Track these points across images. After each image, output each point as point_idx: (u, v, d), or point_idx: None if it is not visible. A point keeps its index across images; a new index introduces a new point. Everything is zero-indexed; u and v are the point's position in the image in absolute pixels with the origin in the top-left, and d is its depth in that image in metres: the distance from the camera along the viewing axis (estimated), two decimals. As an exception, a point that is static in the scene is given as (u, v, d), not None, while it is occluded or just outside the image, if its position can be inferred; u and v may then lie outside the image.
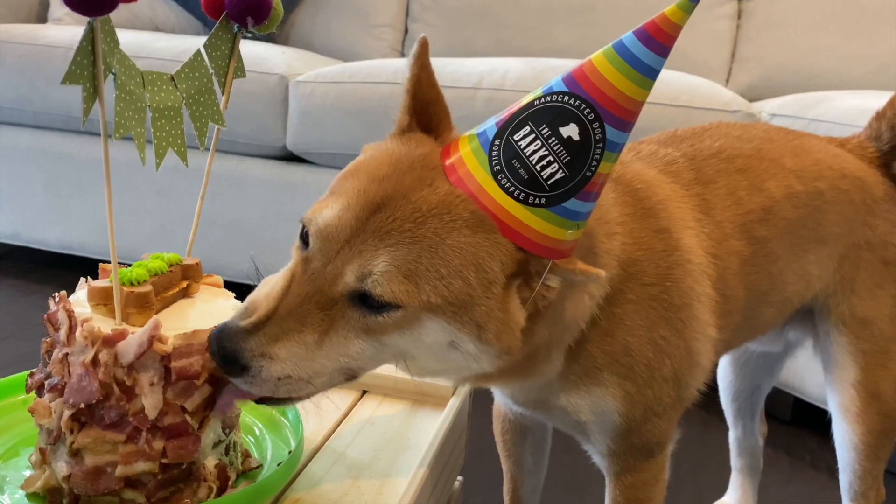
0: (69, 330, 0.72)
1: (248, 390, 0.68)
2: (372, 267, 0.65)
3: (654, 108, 1.76)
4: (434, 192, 0.68)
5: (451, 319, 0.67)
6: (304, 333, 0.67)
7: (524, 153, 0.67)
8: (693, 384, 0.88)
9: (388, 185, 0.68)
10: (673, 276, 0.83)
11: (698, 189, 0.91)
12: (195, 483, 0.74)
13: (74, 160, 2.29)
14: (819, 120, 1.63)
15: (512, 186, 0.67)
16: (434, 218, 0.67)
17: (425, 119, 0.76)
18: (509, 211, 0.67)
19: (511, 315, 0.69)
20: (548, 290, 0.70)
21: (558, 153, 0.66)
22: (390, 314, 0.67)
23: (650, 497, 0.91)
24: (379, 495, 0.81)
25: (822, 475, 1.61)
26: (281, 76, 2.07)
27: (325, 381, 0.70)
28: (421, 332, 0.68)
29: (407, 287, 0.65)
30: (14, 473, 0.77)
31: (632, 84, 0.65)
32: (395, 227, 0.66)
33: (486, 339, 0.69)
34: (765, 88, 2.31)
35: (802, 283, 1.00)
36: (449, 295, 0.66)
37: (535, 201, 0.67)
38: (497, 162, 0.67)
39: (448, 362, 0.72)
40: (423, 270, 0.66)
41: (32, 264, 2.52)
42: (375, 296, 0.66)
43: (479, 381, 0.82)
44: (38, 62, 2.22)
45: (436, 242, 0.66)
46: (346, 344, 0.68)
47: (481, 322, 0.68)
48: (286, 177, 2.11)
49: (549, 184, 0.66)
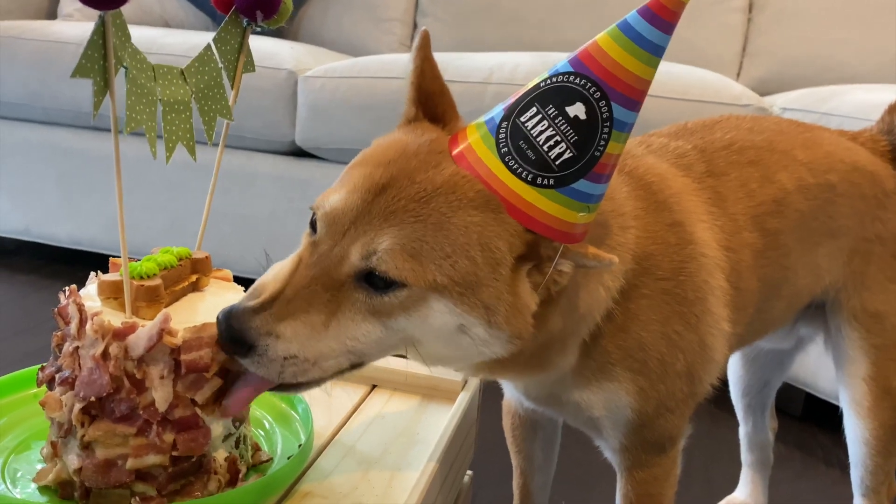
0: (80, 323, 0.72)
1: (255, 371, 0.68)
2: (376, 245, 0.66)
3: (663, 102, 1.75)
4: (439, 172, 0.68)
5: (458, 301, 0.67)
6: (311, 314, 0.67)
7: (531, 134, 0.66)
8: (706, 379, 0.87)
9: (394, 168, 0.69)
10: (687, 269, 0.82)
11: (710, 182, 0.90)
12: (205, 476, 0.74)
13: (85, 156, 2.29)
14: (831, 114, 1.62)
15: (520, 168, 0.67)
16: (439, 197, 0.67)
17: (431, 109, 0.76)
18: (518, 193, 0.67)
19: (521, 298, 0.69)
20: (560, 276, 0.69)
21: (566, 133, 0.66)
22: (396, 294, 0.67)
23: (661, 492, 0.91)
24: (389, 489, 0.81)
25: (833, 471, 1.60)
26: (290, 71, 2.07)
27: (331, 365, 0.69)
28: (428, 315, 0.68)
29: (412, 265, 0.65)
30: (26, 466, 0.78)
31: (638, 62, 0.64)
32: (400, 206, 0.67)
33: (495, 323, 0.68)
34: (776, 82, 2.29)
35: (813, 276, 1.00)
36: (455, 274, 0.66)
37: (543, 182, 0.66)
38: (504, 144, 0.67)
39: (458, 348, 0.71)
40: (428, 249, 0.66)
41: (43, 260, 2.54)
42: (380, 273, 0.66)
43: (493, 371, 0.81)
44: (49, 58, 2.23)
45: (441, 221, 0.66)
46: (353, 326, 0.68)
47: (490, 304, 0.68)
48: (295, 172, 2.11)
49: (558, 164, 0.66)
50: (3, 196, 2.41)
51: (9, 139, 2.37)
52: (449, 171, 0.69)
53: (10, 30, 2.31)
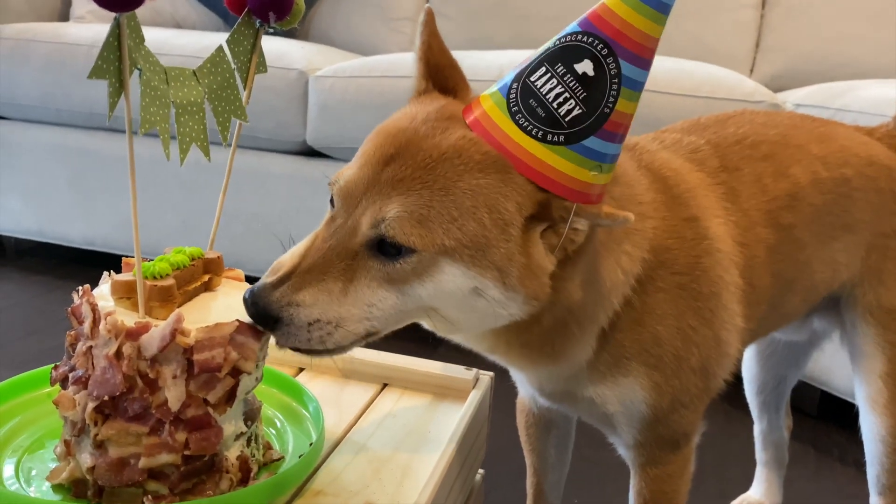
0: (93, 323, 0.72)
1: (285, 343, 0.71)
2: (385, 213, 0.67)
3: (675, 98, 1.74)
4: (446, 137, 0.70)
5: (469, 264, 0.68)
6: (327, 282, 0.69)
7: (540, 92, 0.67)
8: (720, 374, 0.87)
9: (403, 137, 0.71)
10: (702, 265, 0.82)
11: (724, 177, 0.90)
12: (217, 475, 0.74)
13: (97, 157, 2.31)
14: (845, 110, 1.60)
15: (530, 125, 0.67)
16: (445, 162, 0.68)
17: (441, 82, 0.78)
18: (528, 150, 0.68)
19: (533, 259, 0.69)
20: (576, 234, 0.70)
21: (574, 90, 0.66)
22: (407, 260, 0.68)
23: (676, 489, 0.91)
24: (400, 488, 0.81)
25: (849, 469, 1.59)
26: (300, 71, 2.07)
27: (351, 330, 0.70)
28: (441, 280, 0.69)
29: (420, 231, 0.67)
30: (40, 465, 0.78)
31: (645, 20, 0.65)
32: (407, 174, 0.68)
33: (510, 285, 0.69)
34: (789, 78, 2.27)
35: (829, 270, 0.99)
36: (463, 237, 0.67)
37: (553, 139, 0.67)
38: (515, 104, 0.68)
39: (475, 312, 0.71)
40: (435, 214, 0.67)
41: (56, 260, 2.55)
42: (389, 240, 0.68)
43: (510, 353, 0.81)
44: (62, 60, 2.24)
45: (446, 186, 0.67)
46: (370, 293, 0.69)
47: (501, 266, 0.68)
48: (306, 172, 2.11)
49: (567, 121, 0.67)
50: (17, 197, 2.43)
51: (22, 140, 2.39)
52: (456, 135, 0.70)
53: (23, 32, 2.32)
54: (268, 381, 0.93)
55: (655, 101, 1.74)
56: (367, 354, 1.06)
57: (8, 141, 2.40)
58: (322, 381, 1.04)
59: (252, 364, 0.73)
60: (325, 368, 1.07)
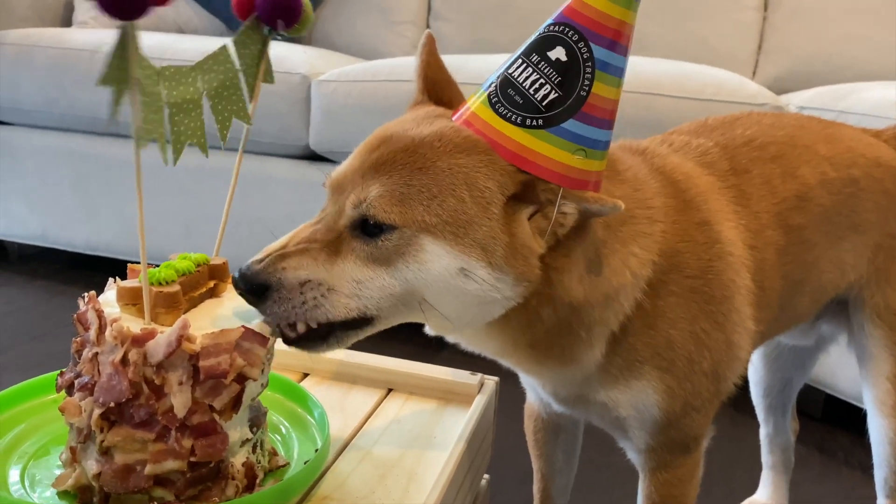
0: (99, 329, 0.72)
1: (279, 311, 0.70)
2: (367, 194, 0.70)
3: (677, 101, 1.74)
4: (430, 126, 0.73)
5: (452, 242, 0.69)
6: (312, 252, 0.71)
7: (518, 81, 0.70)
8: (731, 377, 0.87)
9: (390, 132, 0.74)
10: (714, 268, 0.82)
11: (734, 180, 0.90)
12: (223, 481, 0.74)
13: (101, 161, 2.31)
14: (848, 112, 1.60)
15: (509, 112, 0.70)
16: (425, 146, 0.71)
17: (437, 96, 0.81)
18: (509, 136, 0.70)
19: (518, 238, 0.70)
20: (564, 218, 0.70)
21: (549, 75, 0.69)
22: (388, 237, 0.69)
23: (684, 493, 0.90)
24: (406, 493, 0.80)
25: (855, 472, 1.59)
26: (303, 76, 2.07)
27: (345, 302, 0.71)
28: (425, 260, 0.69)
29: (400, 209, 0.69)
30: (45, 472, 0.78)
31: (617, 6, 0.68)
32: (389, 158, 0.71)
33: (496, 264, 0.69)
34: (792, 80, 2.27)
35: (837, 271, 0.99)
36: (443, 213, 0.68)
37: (532, 123, 0.69)
38: (494, 95, 0.71)
39: (467, 297, 0.71)
40: (415, 192, 0.69)
41: (60, 265, 2.56)
42: (371, 219, 0.69)
43: (521, 360, 0.81)
44: (65, 65, 2.24)
45: (426, 165, 0.70)
46: (356, 269, 0.71)
47: (485, 244, 0.69)
48: (310, 176, 2.11)
49: (544, 105, 0.69)
50: (21, 201, 2.43)
51: (26, 145, 2.39)
52: (439, 124, 0.73)
53: (26, 38, 2.33)
54: (273, 388, 0.92)
55: (658, 104, 1.74)
56: (371, 360, 1.06)
57: (11, 146, 2.40)
58: (327, 386, 1.04)
59: (258, 370, 0.72)
60: (330, 373, 1.06)
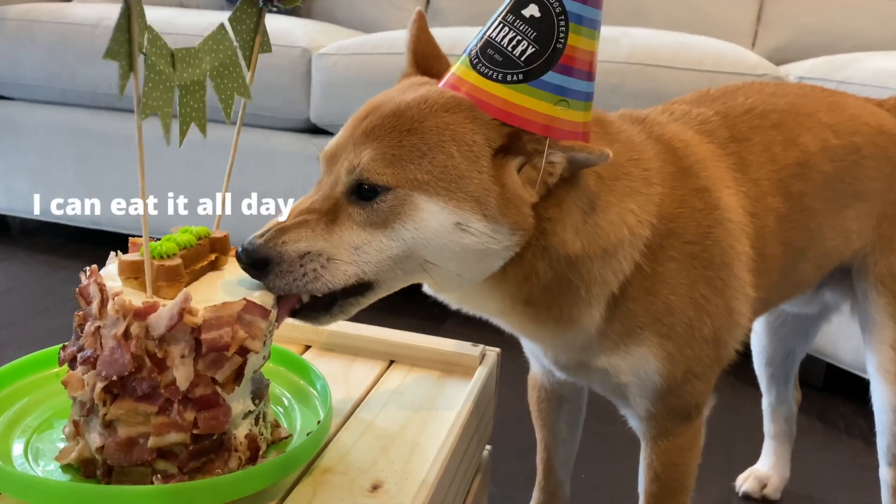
0: (101, 303, 0.72)
1: (280, 284, 0.73)
2: (359, 159, 0.72)
3: (677, 73, 1.72)
4: (415, 92, 0.76)
5: (445, 197, 0.71)
6: (311, 223, 0.74)
7: (496, 41, 0.73)
8: (732, 344, 0.88)
9: (378, 101, 0.77)
10: (713, 234, 0.82)
11: (734, 147, 0.90)
12: (226, 453, 0.74)
13: (103, 136, 2.30)
14: (848, 82, 1.58)
15: (490, 70, 0.73)
16: (412, 108, 0.73)
17: (427, 70, 0.84)
18: (491, 92, 0.73)
19: (509, 189, 0.72)
20: (552, 167, 0.73)
21: (525, 32, 0.72)
22: (383, 199, 0.72)
23: (686, 462, 0.91)
24: (408, 464, 0.81)
25: (856, 441, 1.59)
26: (304, 49, 2.06)
27: (345, 269, 0.73)
28: (421, 218, 0.71)
29: (392, 170, 0.71)
30: (48, 445, 0.78)
31: None
32: (378, 124, 0.73)
33: (490, 216, 0.71)
34: (792, 51, 2.24)
35: (842, 238, 0.99)
36: (434, 170, 0.71)
37: (513, 78, 0.72)
38: (475, 57, 0.74)
39: (465, 251, 0.73)
40: (406, 152, 0.72)
41: (62, 239, 2.56)
42: (364, 182, 0.72)
43: (520, 321, 0.82)
44: (66, 40, 2.23)
45: (414, 127, 0.72)
46: (353, 235, 0.73)
47: (478, 196, 0.71)
48: (311, 150, 2.10)
49: (523, 60, 0.72)
50: (23, 177, 2.43)
51: (28, 120, 2.38)
52: (424, 89, 0.76)
53: (27, 13, 2.31)
54: (275, 360, 0.92)
55: (658, 76, 1.73)
56: (373, 331, 1.06)
57: (13, 121, 2.40)
58: (329, 358, 1.04)
59: (259, 343, 0.72)
60: (332, 345, 1.06)
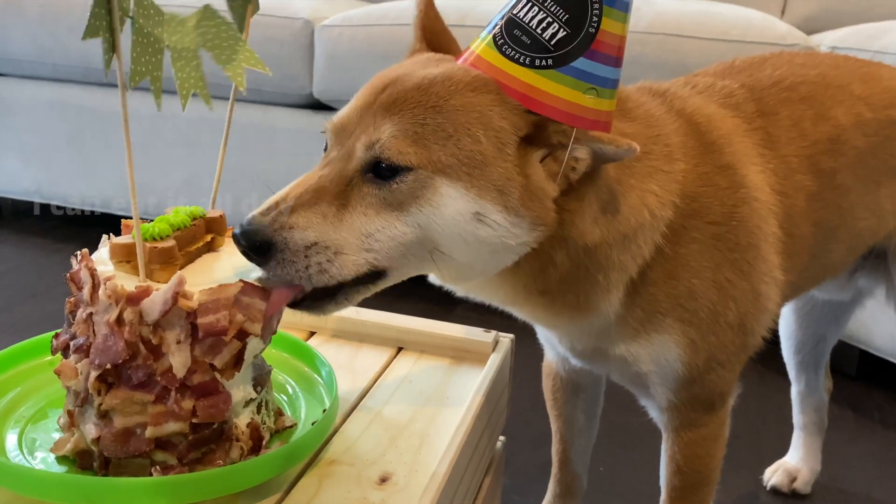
0: (92, 289, 0.70)
1: (283, 273, 0.67)
2: (379, 135, 0.68)
3: (703, 43, 1.68)
4: (437, 67, 0.71)
5: (468, 184, 0.67)
6: (321, 206, 0.68)
7: (524, 21, 0.69)
8: (759, 330, 0.84)
9: (395, 73, 0.72)
10: (738, 214, 0.79)
11: (761, 122, 0.86)
12: (227, 443, 0.72)
13: (96, 113, 2.27)
14: (884, 52, 1.53)
15: (516, 53, 0.68)
16: (436, 84, 0.69)
17: (435, 46, 0.81)
18: (518, 77, 0.68)
19: (533, 181, 0.68)
20: (576, 162, 0.69)
21: (556, 13, 0.67)
22: (403, 179, 0.67)
23: (711, 454, 0.88)
24: (417, 456, 0.78)
25: (891, 433, 1.55)
26: (306, 21, 2.02)
27: (352, 261, 0.68)
28: (440, 203, 0.67)
29: (415, 149, 0.67)
30: (43, 436, 0.76)
31: None
32: (400, 97, 0.69)
33: (512, 207, 0.67)
34: (824, 20, 2.17)
35: (875, 217, 0.95)
36: (459, 153, 0.67)
37: (541, 63, 0.68)
38: (500, 37, 0.70)
39: (480, 245, 0.69)
40: (430, 131, 0.67)
41: (56, 221, 2.53)
42: (384, 161, 0.67)
43: (534, 309, 0.79)
44: (57, 14, 2.20)
45: (439, 104, 0.68)
46: (366, 221, 0.68)
47: (501, 185, 0.67)
48: (314, 126, 2.07)
49: (553, 44, 0.67)
50: (14, 156, 2.40)
51: (19, 97, 2.35)
52: (446, 65, 0.72)
53: (18, -14, 2.27)
54: (278, 346, 0.90)
55: (682, 46, 1.68)
56: (381, 317, 1.03)
57: (3, 98, 2.37)
58: (335, 345, 1.02)
59: (259, 326, 0.70)
60: (338, 332, 1.04)
